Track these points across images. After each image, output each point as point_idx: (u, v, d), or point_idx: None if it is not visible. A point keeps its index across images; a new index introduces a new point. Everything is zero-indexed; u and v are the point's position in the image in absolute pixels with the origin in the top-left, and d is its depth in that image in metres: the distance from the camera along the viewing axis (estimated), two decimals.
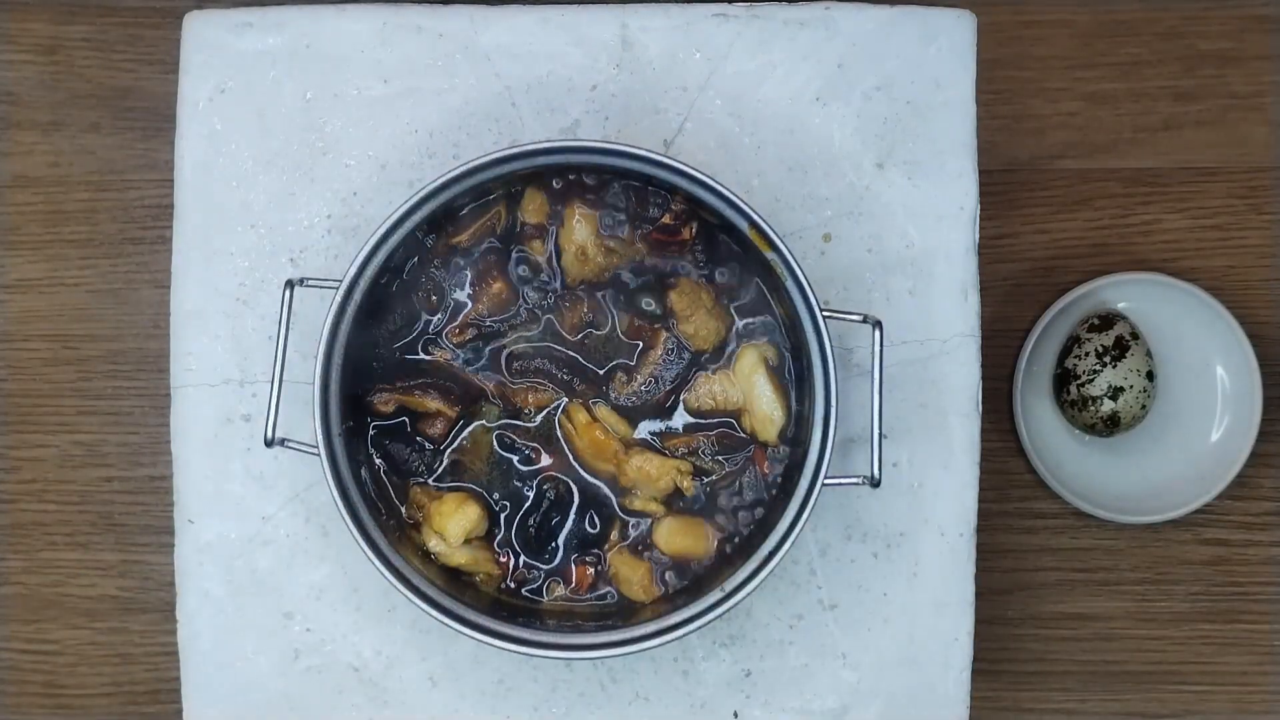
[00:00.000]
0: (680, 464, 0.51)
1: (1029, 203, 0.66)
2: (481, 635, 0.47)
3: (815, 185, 0.56)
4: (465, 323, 0.52)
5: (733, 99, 0.56)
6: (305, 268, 0.55)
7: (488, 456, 0.52)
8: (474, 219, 0.51)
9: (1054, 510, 0.65)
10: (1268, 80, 0.66)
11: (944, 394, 0.55)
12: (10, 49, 0.64)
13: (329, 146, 0.56)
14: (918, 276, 0.55)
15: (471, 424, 0.52)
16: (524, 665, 0.54)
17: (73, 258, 0.64)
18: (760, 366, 0.51)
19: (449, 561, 0.50)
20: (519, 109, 0.56)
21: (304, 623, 0.54)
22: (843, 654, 0.54)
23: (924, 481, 0.55)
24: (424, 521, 0.50)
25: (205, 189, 0.56)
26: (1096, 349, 0.63)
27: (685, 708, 0.54)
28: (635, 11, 0.56)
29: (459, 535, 0.49)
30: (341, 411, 0.49)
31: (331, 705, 0.54)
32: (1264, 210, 0.66)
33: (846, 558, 0.55)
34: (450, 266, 0.51)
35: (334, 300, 0.48)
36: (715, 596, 0.47)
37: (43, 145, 0.64)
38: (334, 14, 0.56)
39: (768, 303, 0.52)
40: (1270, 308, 0.66)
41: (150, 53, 0.64)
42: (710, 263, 0.52)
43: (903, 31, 0.56)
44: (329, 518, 0.54)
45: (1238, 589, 0.65)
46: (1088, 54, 0.66)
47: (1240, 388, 0.64)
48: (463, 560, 0.50)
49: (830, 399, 0.48)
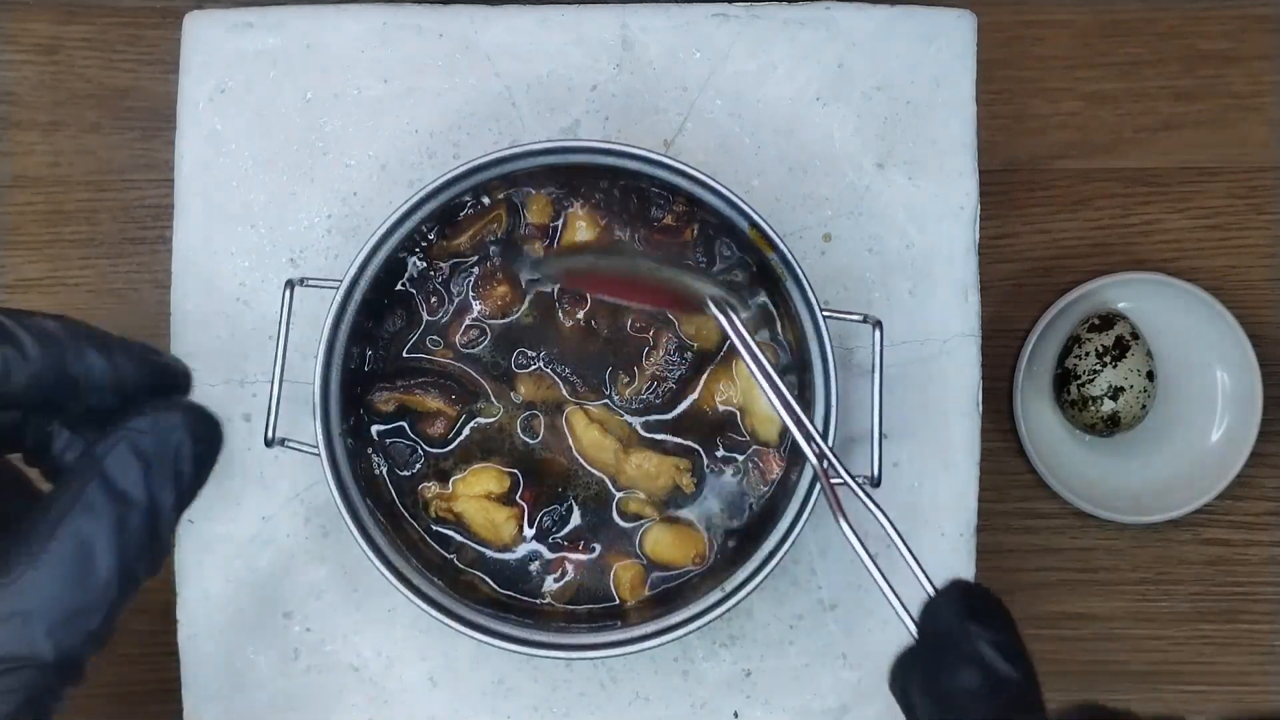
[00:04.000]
0: (679, 461, 0.51)
1: (1029, 203, 0.66)
2: (481, 635, 0.47)
3: (815, 185, 0.56)
4: (467, 324, 0.52)
5: (733, 99, 0.56)
6: (305, 268, 0.55)
7: (498, 449, 0.52)
8: (476, 219, 0.51)
9: (1054, 510, 0.65)
10: (1268, 80, 0.66)
11: (944, 394, 0.55)
12: (10, 49, 0.64)
13: (329, 146, 0.56)
14: (918, 276, 0.55)
15: (472, 423, 0.52)
16: (524, 665, 0.54)
17: (73, 258, 0.64)
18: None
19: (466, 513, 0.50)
20: (519, 109, 0.56)
21: (304, 623, 0.54)
22: (843, 654, 0.54)
23: (924, 481, 0.55)
24: (443, 499, 0.51)
25: (205, 189, 0.56)
26: (1097, 349, 0.63)
27: (685, 708, 0.54)
28: (635, 11, 0.56)
29: (480, 489, 0.50)
30: (341, 411, 0.49)
31: (331, 705, 0.54)
32: (1264, 210, 0.66)
33: (846, 558, 0.55)
34: (452, 267, 0.51)
35: (334, 300, 0.48)
36: (715, 596, 0.47)
37: (43, 145, 0.64)
38: (334, 14, 0.56)
39: (769, 303, 0.52)
40: (1270, 308, 0.66)
41: (150, 53, 0.64)
42: (710, 263, 0.52)
43: (903, 31, 0.56)
44: (329, 518, 0.54)
45: (1238, 589, 0.65)
46: (1088, 54, 0.66)
47: (1240, 388, 0.64)
48: (476, 511, 0.50)
49: (830, 399, 0.48)
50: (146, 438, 0.34)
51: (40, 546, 0.31)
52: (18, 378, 0.34)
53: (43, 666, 0.30)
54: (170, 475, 0.34)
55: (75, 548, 0.32)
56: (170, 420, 0.34)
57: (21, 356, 0.34)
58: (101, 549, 0.32)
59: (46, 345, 0.34)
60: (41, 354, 0.34)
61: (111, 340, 0.36)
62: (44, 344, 0.34)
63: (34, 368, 0.34)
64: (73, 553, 0.32)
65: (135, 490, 0.33)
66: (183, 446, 0.34)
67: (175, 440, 0.34)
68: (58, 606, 0.31)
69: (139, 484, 0.33)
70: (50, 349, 0.34)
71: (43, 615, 0.31)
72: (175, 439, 0.34)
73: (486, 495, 0.51)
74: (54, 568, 0.31)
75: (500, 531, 0.50)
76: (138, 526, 0.33)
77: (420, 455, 0.51)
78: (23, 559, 0.31)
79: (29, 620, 0.30)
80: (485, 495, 0.51)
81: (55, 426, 0.37)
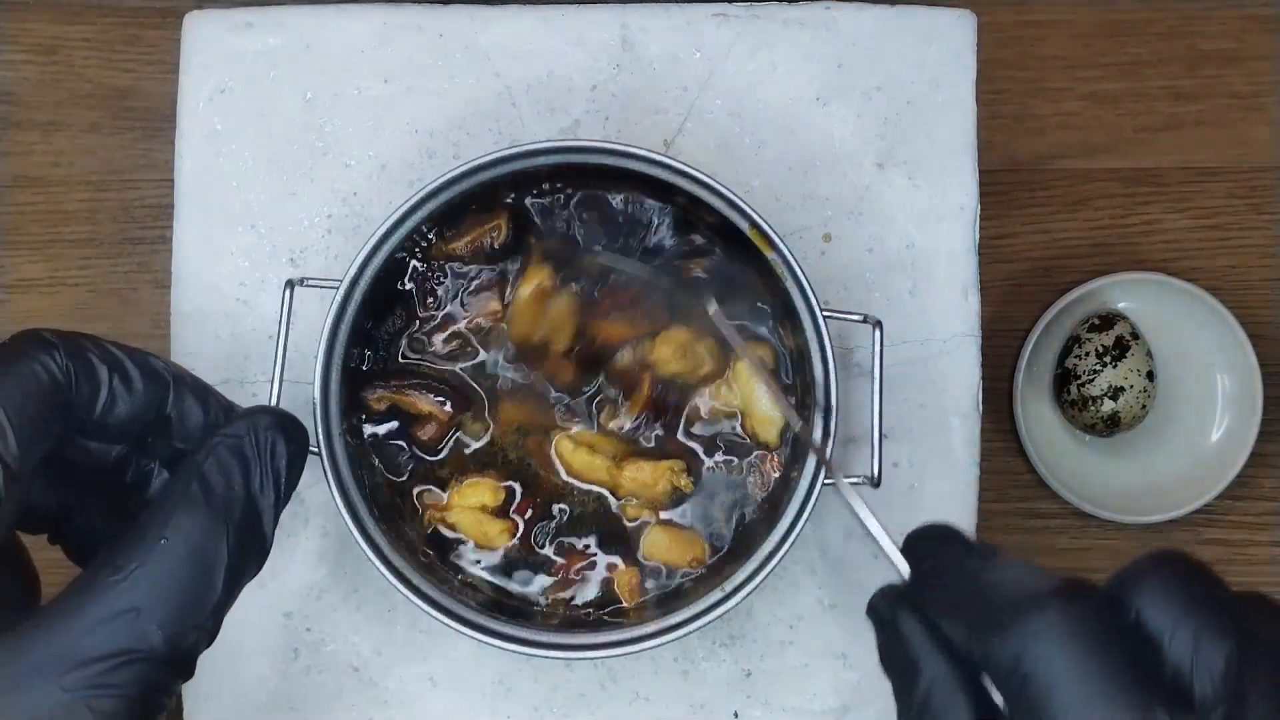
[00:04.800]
0: (674, 464, 0.50)
1: (1029, 203, 0.66)
2: (481, 635, 0.47)
3: (815, 185, 0.56)
4: (454, 332, 0.51)
5: (733, 99, 0.56)
6: (305, 268, 0.55)
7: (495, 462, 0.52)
8: (474, 226, 0.51)
9: (1054, 510, 0.65)
10: (1268, 80, 0.66)
11: (944, 394, 0.55)
12: (10, 49, 0.64)
13: (329, 146, 0.56)
14: (918, 276, 0.55)
15: (458, 435, 0.51)
16: (524, 665, 0.54)
17: (73, 258, 0.64)
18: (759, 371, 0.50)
19: (460, 524, 0.50)
20: (519, 109, 0.56)
21: (304, 623, 0.54)
22: (843, 654, 0.54)
23: (924, 481, 0.55)
24: (438, 509, 0.51)
25: (205, 189, 0.56)
26: (1097, 349, 0.63)
27: (685, 708, 0.54)
28: (635, 11, 0.56)
29: (475, 501, 0.50)
30: (341, 411, 0.49)
31: (331, 705, 0.54)
32: (1264, 210, 0.66)
33: (846, 558, 0.55)
34: (449, 273, 0.51)
35: (334, 300, 0.48)
36: (715, 596, 0.47)
37: (43, 145, 0.64)
38: (334, 14, 0.56)
39: (765, 308, 0.51)
40: (1270, 308, 0.66)
41: (150, 53, 0.64)
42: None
43: (903, 31, 0.56)
44: (329, 518, 0.54)
45: (1238, 589, 0.65)
46: (1088, 54, 0.66)
47: (1240, 388, 0.64)
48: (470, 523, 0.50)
49: (830, 399, 0.48)
50: (243, 440, 0.35)
51: (150, 544, 0.32)
52: (121, 409, 0.35)
53: (155, 660, 0.31)
54: (269, 473, 0.36)
55: (184, 544, 0.33)
56: (263, 422, 0.36)
57: (128, 390, 0.35)
58: (210, 546, 0.33)
59: (152, 382, 0.36)
60: (145, 390, 0.36)
61: (209, 391, 0.38)
62: (150, 381, 0.36)
63: (138, 402, 0.36)
64: (182, 549, 0.33)
65: (237, 489, 0.35)
66: (277, 446, 0.36)
67: (269, 441, 0.36)
68: (169, 601, 0.32)
69: (240, 483, 0.35)
70: (155, 387, 0.36)
71: (154, 610, 0.31)
72: (269, 440, 0.36)
73: (481, 508, 0.50)
74: (164, 564, 0.32)
75: (494, 543, 0.50)
76: (242, 523, 0.34)
77: (412, 460, 0.51)
78: (134, 556, 0.32)
79: (141, 615, 0.31)
80: (480, 508, 0.50)
81: (155, 466, 0.38)
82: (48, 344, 0.34)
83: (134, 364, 0.36)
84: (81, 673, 0.30)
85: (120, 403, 0.35)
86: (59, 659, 0.30)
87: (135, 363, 0.36)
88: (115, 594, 0.31)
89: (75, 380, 0.34)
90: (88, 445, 0.37)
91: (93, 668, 0.30)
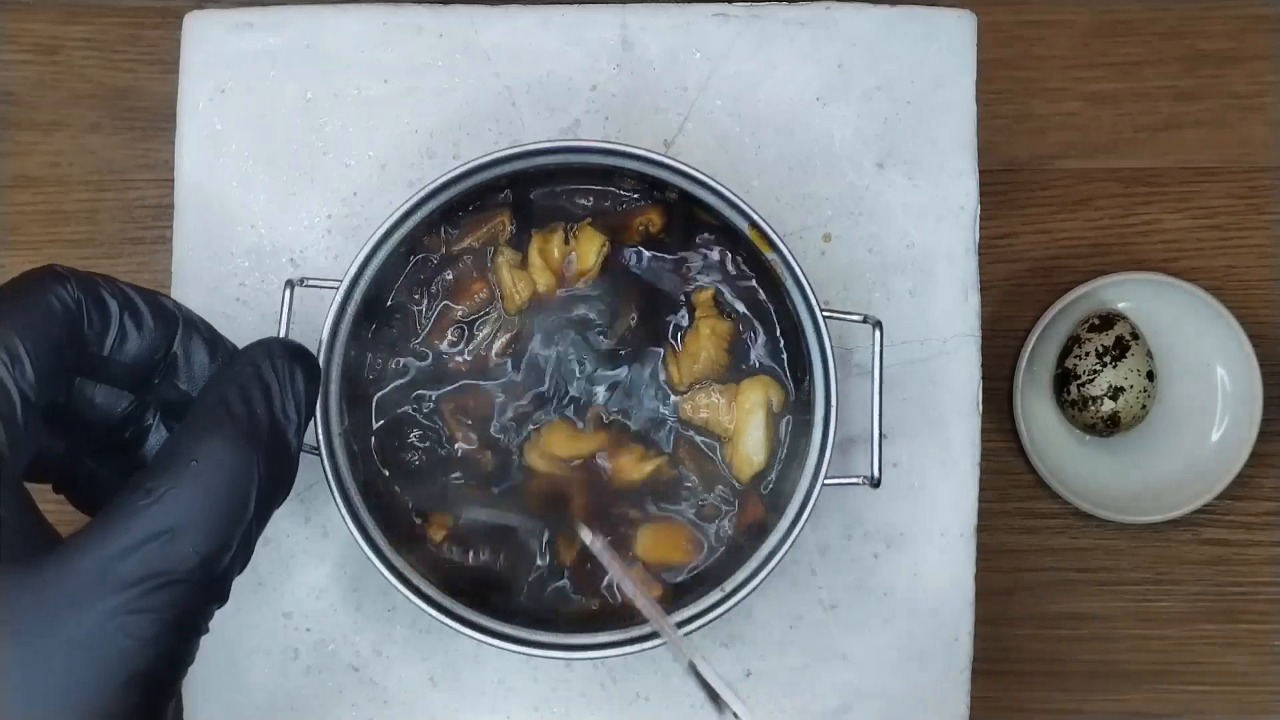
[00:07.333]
0: (645, 453, 0.50)
1: (1029, 203, 0.66)
2: (481, 635, 0.47)
3: (815, 185, 0.56)
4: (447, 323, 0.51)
5: (733, 99, 0.56)
6: (305, 268, 0.55)
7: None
8: (475, 225, 0.51)
9: (1054, 510, 0.65)
10: (1268, 80, 0.66)
11: (944, 394, 0.55)
12: (10, 49, 0.64)
13: (329, 146, 0.56)
14: (918, 276, 0.55)
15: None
16: (524, 665, 0.54)
17: (73, 258, 0.64)
18: (762, 407, 0.50)
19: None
20: (519, 109, 0.56)
21: (304, 623, 0.54)
22: (843, 654, 0.54)
23: (924, 481, 0.55)
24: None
25: (205, 189, 0.56)
26: (1097, 349, 0.63)
27: (685, 708, 0.54)
28: (635, 11, 0.56)
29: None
30: (341, 411, 0.49)
31: (331, 705, 0.54)
32: (1264, 210, 0.66)
33: (846, 558, 0.55)
34: (447, 272, 0.51)
35: (334, 300, 0.48)
36: (715, 596, 0.47)
37: (43, 145, 0.64)
38: (334, 14, 0.56)
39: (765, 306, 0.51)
40: (1270, 308, 0.66)
41: (150, 53, 0.64)
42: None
43: (903, 31, 0.56)
44: (329, 518, 0.54)
45: (1238, 589, 0.65)
46: (1088, 54, 0.66)
47: (1240, 388, 0.64)
48: None
49: (830, 399, 0.48)
50: (261, 366, 0.35)
51: (182, 466, 0.32)
52: (131, 346, 0.35)
53: (192, 583, 0.31)
54: (290, 396, 0.35)
55: (216, 466, 0.32)
56: (277, 350, 0.36)
57: (137, 327, 0.35)
58: (241, 467, 0.33)
59: (162, 321, 0.36)
60: (155, 328, 0.36)
61: (217, 335, 0.38)
62: (160, 320, 0.36)
63: (147, 339, 0.36)
64: (214, 471, 0.32)
65: (261, 412, 0.34)
66: (295, 372, 0.36)
67: (288, 368, 0.36)
68: (204, 523, 0.31)
69: (264, 406, 0.34)
70: (164, 326, 0.36)
71: (190, 531, 0.31)
72: (287, 367, 0.36)
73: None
74: (197, 485, 0.32)
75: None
76: (270, 445, 0.34)
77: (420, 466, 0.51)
78: (165, 479, 0.31)
79: (176, 537, 0.31)
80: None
81: (154, 421, 0.38)
82: (61, 277, 0.34)
83: (145, 302, 0.35)
84: (118, 597, 0.29)
85: (130, 340, 0.35)
86: (94, 584, 0.29)
87: (146, 301, 0.36)
88: (149, 517, 0.30)
89: (88, 314, 0.34)
90: (92, 398, 0.37)
91: (129, 591, 0.29)
